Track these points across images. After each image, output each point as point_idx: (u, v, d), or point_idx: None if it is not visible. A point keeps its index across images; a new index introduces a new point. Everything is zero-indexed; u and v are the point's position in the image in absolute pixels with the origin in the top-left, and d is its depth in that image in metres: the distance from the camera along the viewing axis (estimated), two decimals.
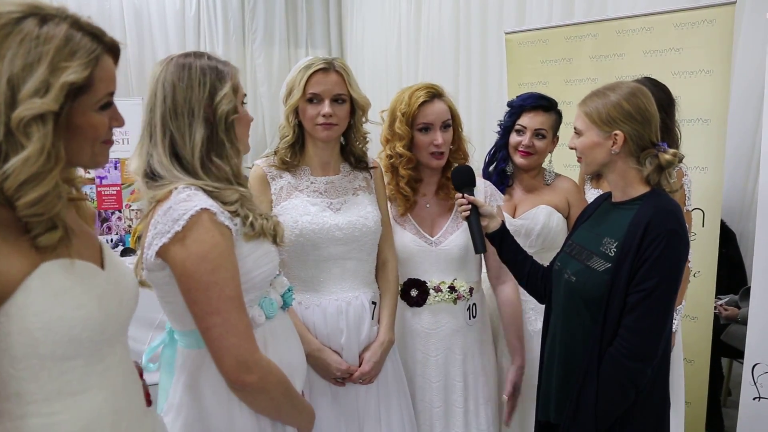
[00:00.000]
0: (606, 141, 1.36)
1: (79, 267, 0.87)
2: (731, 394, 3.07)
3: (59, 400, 0.84)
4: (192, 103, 1.14)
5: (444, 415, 1.68)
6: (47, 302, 0.81)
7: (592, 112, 1.37)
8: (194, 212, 1.06)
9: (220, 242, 1.07)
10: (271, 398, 1.15)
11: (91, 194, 3.98)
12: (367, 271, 1.59)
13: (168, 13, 5.35)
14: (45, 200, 0.80)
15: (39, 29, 0.79)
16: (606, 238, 1.38)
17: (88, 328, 0.85)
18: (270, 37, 5.72)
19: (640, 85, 1.41)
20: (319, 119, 1.48)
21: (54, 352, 0.82)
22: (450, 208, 1.73)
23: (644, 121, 1.35)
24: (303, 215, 1.50)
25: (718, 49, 2.45)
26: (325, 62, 1.49)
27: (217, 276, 1.06)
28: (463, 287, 1.69)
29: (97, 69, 0.84)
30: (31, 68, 0.78)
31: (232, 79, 1.18)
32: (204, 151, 1.14)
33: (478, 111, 4.03)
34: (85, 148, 0.87)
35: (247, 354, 1.09)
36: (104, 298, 0.88)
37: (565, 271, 1.45)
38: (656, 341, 1.30)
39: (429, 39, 4.49)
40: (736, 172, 2.91)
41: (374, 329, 1.57)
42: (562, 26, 3.02)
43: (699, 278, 2.49)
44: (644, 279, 1.27)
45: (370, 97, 1.60)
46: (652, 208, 1.31)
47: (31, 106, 0.77)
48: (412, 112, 1.62)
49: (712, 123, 2.48)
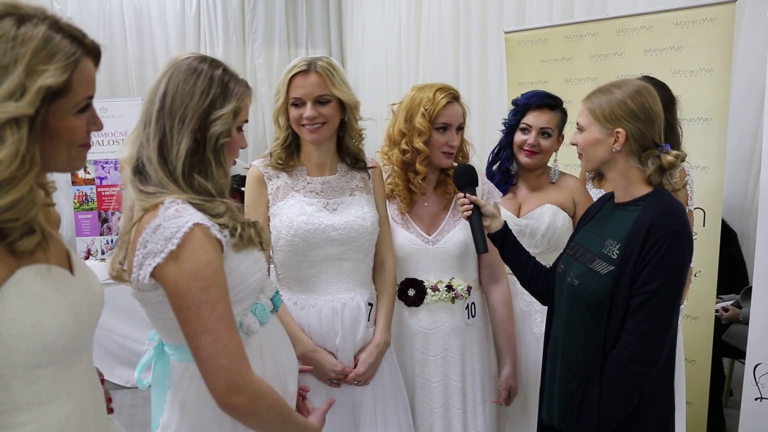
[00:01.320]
0: (608, 138, 1.34)
1: (54, 273, 0.85)
2: (733, 394, 3.06)
3: (27, 410, 0.82)
4: (187, 110, 1.10)
5: (443, 416, 1.67)
6: (23, 309, 0.79)
7: (595, 109, 1.35)
8: (187, 229, 1.03)
9: (213, 259, 1.04)
10: (262, 421, 1.11)
11: (92, 195, 3.97)
12: (363, 272, 1.58)
13: (168, 13, 5.36)
14: (19, 205, 0.78)
15: (16, 30, 0.77)
16: (608, 239, 1.36)
17: (62, 336, 0.83)
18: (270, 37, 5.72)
19: (647, 84, 1.38)
20: (303, 122, 1.48)
21: (26, 360, 0.80)
22: (447, 205, 1.72)
23: (648, 120, 1.33)
24: (299, 215, 1.50)
25: (719, 48, 2.44)
26: (305, 63, 1.47)
27: (209, 294, 1.03)
28: (461, 286, 1.68)
29: (75, 72, 0.82)
30: (7, 70, 0.76)
31: (238, 101, 1.13)
32: (186, 164, 1.10)
33: (478, 110, 4.02)
34: (61, 152, 0.85)
35: (238, 376, 1.05)
36: (77, 305, 0.87)
37: (568, 274, 1.43)
38: (660, 344, 1.28)
39: (429, 38, 4.48)
40: (737, 171, 2.90)
41: (370, 331, 1.56)
42: (562, 25, 3.01)
43: (700, 278, 2.48)
44: (647, 281, 1.25)
45: (370, 96, 1.60)
46: (655, 208, 1.29)
47: (5, 109, 0.75)
48: (437, 110, 1.63)
49: (712, 122, 2.47)
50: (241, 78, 1.18)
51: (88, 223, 3.99)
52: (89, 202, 3.97)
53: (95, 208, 3.97)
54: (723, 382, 2.99)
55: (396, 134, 1.69)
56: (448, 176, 1.71)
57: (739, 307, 2.76)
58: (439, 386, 1.67)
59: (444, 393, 1.67)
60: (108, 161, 3.91)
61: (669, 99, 2.00)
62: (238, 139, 1.18)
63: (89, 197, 3.97)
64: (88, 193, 3.97)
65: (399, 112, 1.70)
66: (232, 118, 1.12)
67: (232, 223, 1.13)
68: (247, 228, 1.15)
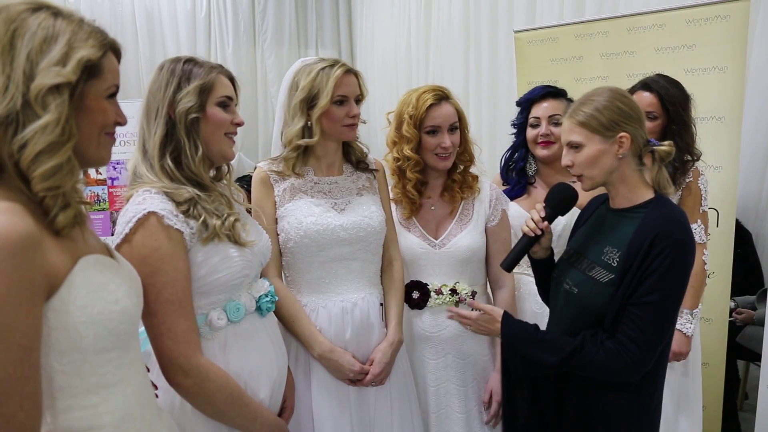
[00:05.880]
0: (611, 147, 1.29)
1: (107, 262, 0.91)
2: (748, 397, 3.01)
3: (97, 392, 0.89)
4: (157, 104, 1.19)
5: (439, 421, 1.65)
6: (89, 297, 0.85)
7: (589, 120, 1.29)
8: (141, 215, 1.11)
9: (162, 246, 1.11)
10: (210, 403, 1.17)
11: (103, 195, 4.01)
12: (372, 272, 1.58)
13: (179, 14, 5.38)
14: (60, 173, 0.83)
15: (54, 17, 0.85)
16: (608, 247, 1.32)
17: (123, 321, 0.89)
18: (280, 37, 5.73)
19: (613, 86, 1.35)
20: (347, 120, 1.49)
21: (95, 345, 0.86)
22: (453, 211, 1.71)
23: (638, 118, 1.31)
24: (307, 216, 1.49)
25: (733, 46, 2.40)
26: (344, 63, 1.51)
27: (154, 279, 1.10)
28: (465, 290, 1.66)
29: (106, 58, 0.89)
30: (50, 43, 0.82)
31: (202, 78, 1.20)
32: (160, 151, 1.19)
33: (488, 110, 4.00)
34: (93, 133, 0.89)
35: (182, 358, 1.12)
36: (130, 292, 0.93)
37: (565, 281, 1.40)
38: (647, 359, 1.25)
39: (438, 38, 4.47)
40: (751, 171, 2.86)
41: (382, 331, 1.55)
42: (572, 24, 2.98)
43: (714, 279, 2.45)
44: (650, 291, 1.22)
45: (380, 96, 1.61)
46: (659, 217, 1.25)
47: (50, 74, 0.81)
48: (420, 114, 1.61)
49: (726, 121, 2.43)
50: (213, 63, 1.25)
51: (100, 223, 4.02)
52: (101, 203, 4.01)
53: (107, 208, 4.01)
54: (738, 385, 2.95)
55: (389, 142, 1.70)
56: (455, 182, 1.69)
57: (754, 308, 2.72)
58: (439, 390, 1.66)
59: (446, 397, 1.65)
60: (120, 162, 3.94)
61: (684, 97, 1.98)
62: (219, 114, 1.23)
63: (101, 197, 4.01)
64: (99, 194, 4.01)
65: (393, 119, 1.70)
66: (196, 94, 1.19)
67: (197, 211, 1.17)
68: (214, 219, 1.19)
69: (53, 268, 0.81)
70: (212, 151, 1.24)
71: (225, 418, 1.20)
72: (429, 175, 1.71)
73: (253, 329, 1.27)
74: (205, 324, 1.21)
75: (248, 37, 5.64)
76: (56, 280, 0.81)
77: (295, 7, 5.80)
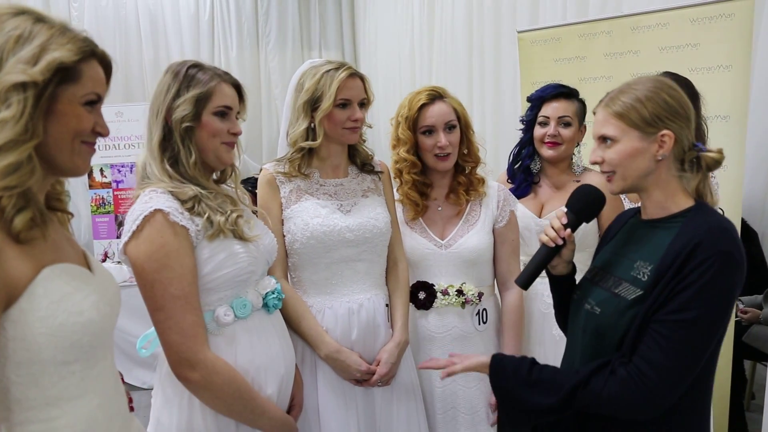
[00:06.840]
0: (650, 145, 1.09)
1: (76, 272, 0.88)
2: (755, 397, 3.00)
3: (58, 405, 0.85)
4: (158, 106, 1.22)
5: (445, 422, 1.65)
6: (51, 307, 0.81)
7: (628, 112, 1.09)
8: (148, 212, 1.14)
9: (169, 242, 1.13)
10: (217, 396, 1.18)
11: (108, 198, 4.03)
12: (378, 273, 1.59)
13: (182, 17, 5.40)
14: (18, 172, 0.79)
15: (34, 22, 0.84)
16: (639, 261, 1.12)
17: (88, 333, 0.86)
18: (283, 39, 5.75)
19: (661, 77, 1.19)
20: (348, 123, 1.50)
21: (55, 357, 0.83)
22: (461, 211, 1.70)
23: (687, 117, 1.12)
24: (313, 217, 1.50)
25: (737, 44, 2.39)
26: (349, 67, 1.51)
27: (161, 275, 1.12)
28: (472, 291, 1.66)
29: (86, 65, 0.86)
30: (23, 44, 0.81)
31: (201, 87, 1.21)
32: (160, 153, 1.22)
33: (492, 111, 4.00)
34: (65, 139, 0.86)
35: (189, 352, 1.14)
36: (99, 303, 0.89)
37: (586, 301, 1.20)
38: (675, 389, 1.03)
39: (442, 39, 4.47)
40: (757, 170, 2.84)
41: (388, 332, 1.56)
42: (576, 24, 2.98)
43: None
44: (684, 307, 1.01)
45: (384, 99, 1.62)
46: (703, 224, 1.05)
47: (16, 71, 0.79)
48: (413, 115, 1.62)
49: (731, 120, 2.42)
50: (219, 70, 1.26)
51: (105, 225, 4.04)
52: (106, 206, 4.03)
53: (112, 211, 4.03)
54: (744, 385, 2.93)
55: (390, 145, 1.71)
56: (460, 184, 1.69)
57: (760, 308, 2.71)
58: (445, 391, 1.65)
59: (452, 399, 1.65)
60: (124, 165, 3.96)
61: (693, 95, 1.96)
62: (214, 124, 1.24)
63: (106, 200, 4.03)
64: (104, 197, 4.03)
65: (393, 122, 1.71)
66: (192, 103, 1.21)
67: (201, 208, 1.20)
68: (218, 215, 1.21)
69: (13, 278, 0.78)
70: (208, 157, 1.27)
71: (232, 412, 1.21)
72: (433, 176, 1.71)
73: (260, 325, 1.28)
74: (212, 320, 1.22)
75: (251, 39, 5.66)
76: (16, 290, 0.78)
77: (298, 10, 5.82)
